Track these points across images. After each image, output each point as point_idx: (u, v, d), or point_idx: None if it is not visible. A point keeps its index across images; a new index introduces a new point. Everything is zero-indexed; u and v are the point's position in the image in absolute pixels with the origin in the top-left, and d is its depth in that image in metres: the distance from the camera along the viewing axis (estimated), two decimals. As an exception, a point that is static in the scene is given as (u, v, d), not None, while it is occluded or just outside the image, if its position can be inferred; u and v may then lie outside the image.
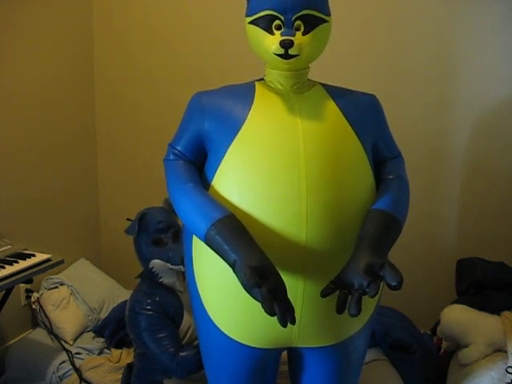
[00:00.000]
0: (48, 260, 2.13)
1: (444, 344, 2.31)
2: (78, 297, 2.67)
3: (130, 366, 2.13)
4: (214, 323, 1.41)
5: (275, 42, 1.29)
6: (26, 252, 2.15)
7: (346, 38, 2.52)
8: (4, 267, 1.98)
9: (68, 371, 2.34)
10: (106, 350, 2.50)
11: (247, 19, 1.36)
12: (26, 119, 2.62)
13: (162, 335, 1.93)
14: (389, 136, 1.48)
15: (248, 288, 1.15)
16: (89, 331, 2.63)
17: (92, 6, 2.98)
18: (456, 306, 2.24)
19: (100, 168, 3.16)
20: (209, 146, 1.38)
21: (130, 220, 2.06)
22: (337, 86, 1.46)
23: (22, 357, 2.44)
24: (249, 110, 1.34)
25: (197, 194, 1.32)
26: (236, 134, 1.32)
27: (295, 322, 1.17)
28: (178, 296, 2.04)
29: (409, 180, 1.45)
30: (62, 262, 2.19)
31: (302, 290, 1.30)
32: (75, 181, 2.99)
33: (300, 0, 1.29)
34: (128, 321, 2.02)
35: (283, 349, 1.48)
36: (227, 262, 1.21)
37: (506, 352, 2.01)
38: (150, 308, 1.97)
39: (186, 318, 2.02)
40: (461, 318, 2.15)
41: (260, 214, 1.28)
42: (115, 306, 2.66)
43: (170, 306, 2.00)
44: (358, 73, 2.60)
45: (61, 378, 2.32)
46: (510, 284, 2.27)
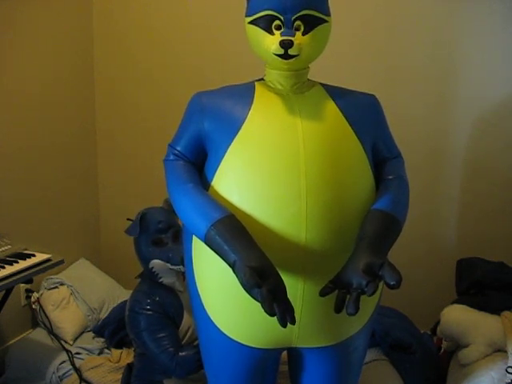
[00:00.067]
0: (48, 260, 2.13)
1: (444, 344, 2.31)
2: (78, 297, 2.67)
3: (129, 366, 2.13)
4: (213, 323, 1.41)
5: (275, 42, 1.29)
6: (26, 252, 2.15)
7: (346, 39, 2.52)
8: (4, 267, 1.98)
9: (68, 371, 2.33)
10: (106, 350, 2.50)
11: (247, 19, 1.36)
12: (26, 119, 2.62)
13: (162, 335, 1.93)
14: (388, 136, 1.48)
15: (248, 288, 1.15)
16: (89, 331, 2.63)
17: (92, 6, 2.98)
18: (456, 305, 2.24)
19: (100, 168, 3.16)
20: (209, 146, 1.38)
21: (130, 220, 2.05)
22: (337, 86, 1.46)
23: (22, 357, 2.44)
24: (248, 110, 1.34)
25: (197, 194, 1.32)
26: (236, 134, 1.32)
27: (295, 322, 1.17)
28: (178, 296, 2.04)
29: (409, 180, 1.45)
30: (62, 262, 2.19)
31: (301, 290, 1.30)
32: (75, 181, 2.99)
33: (300, 0, 1.29)
34: (128, 321, 2.02)
35: (283, 349, 1.47)
36: (227, 262, 1.21)
37: (506, 352, 2.01)
38: (150, 308, 1.97)
39: (185, 318, 2.02)
40: (461, 318, 2.15)
41: (260, 214, 1.28)
42: (115, 306, 2.66)
43: (169, 306, 2.00)
44: (358, 73, 2.59)
45: (61, 378, 2.32)
46: (510, 284, 2.27)
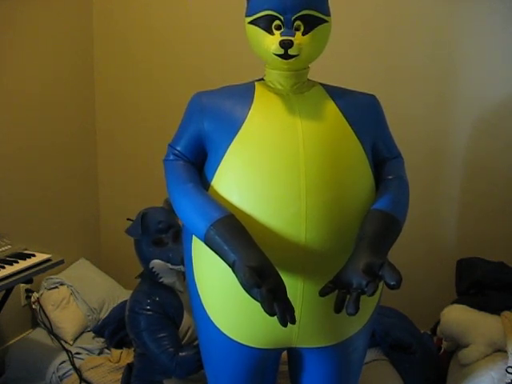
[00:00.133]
0: (48, 260, 2.13)
1: (444, 344, 2.31)
2: (78, 297, 2.67)
3: (129, 366, 2.13)
4: (213, 323, 1.41)
5: (275, 42, 1.29)
6: (26, 252, 2.15)
7: (346, 39, 2.52)
8: (4, 267, 1.98)
9: (68, 371, 2.33)
10: (106, 350, 2.50)
11: (247, 19, 1.36)
12: (26, 119, 2.62)
13: (162, 335, 1.93)
14: (388, 136, 1.48)
15: (247, 288, 1.15)
16: (89, 331, 2.63)
17: (92, 6, 2.98)
18: (456, 306, 2.24)
19: (100, 168, 3.16)
20: (208, 146, 1.38)
21: (130, 220, 2.05)
22: (336, 86, 1.46)
23: (22, 357, 2.44)
24: (248, 110, 1.34)
25: (196, 194, 1.32)
26: (236, 134, 1.32)
27: (295, 322, 1.17)
28: (178, 296, 2.04)
29: (409, 180, 1.45)
30: (62, 262, 2.19)
31: (301, 290, 1.30)
32: (75, 181, 2.99)
33: (300, 0, 1.29)
34: (128, 321, 2.02)
35: (283, 349, 1.47)
36: (227, 262, 1.21)
37: (506, 352, 2.01)
38: (150, 308, 1.97)
39: (185, 318, 2.02)
40: (461, 318, 2.15)
41: (259, 214, 1.28)
42: (115, 306, 2.66)
43: (169, 306, 2.00)
44: (358, 73, 2.59)
45: (61, 378, 2.32)
46: (510, 284, 2.27)
